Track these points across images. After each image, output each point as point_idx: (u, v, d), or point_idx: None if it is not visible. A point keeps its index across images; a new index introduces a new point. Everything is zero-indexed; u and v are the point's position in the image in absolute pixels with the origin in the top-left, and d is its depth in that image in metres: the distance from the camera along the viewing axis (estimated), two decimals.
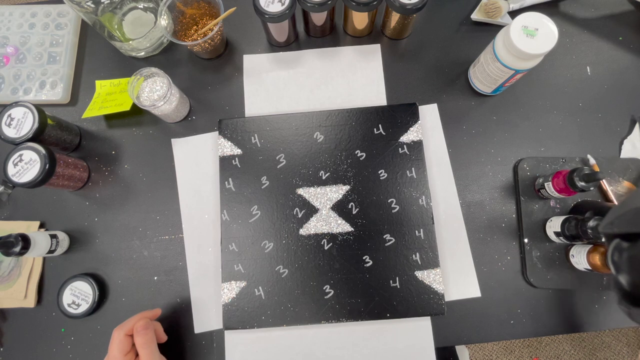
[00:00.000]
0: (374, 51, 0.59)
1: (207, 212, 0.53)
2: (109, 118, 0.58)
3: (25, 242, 0.47)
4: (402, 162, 0.53)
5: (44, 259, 0.53)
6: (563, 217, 0.47)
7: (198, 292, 0.51)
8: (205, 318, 0.50)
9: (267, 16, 0.50)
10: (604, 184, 0.51)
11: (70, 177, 0.52)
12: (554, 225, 0.48)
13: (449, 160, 0.54)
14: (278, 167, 0.53)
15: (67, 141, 0.55)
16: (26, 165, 0.47)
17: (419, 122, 0.54)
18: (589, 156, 0.52)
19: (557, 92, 0.57)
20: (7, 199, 0.55)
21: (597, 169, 0.51)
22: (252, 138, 0.54)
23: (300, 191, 0.53)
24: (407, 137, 0.54)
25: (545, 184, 0.49)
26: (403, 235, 0.51)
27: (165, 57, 0.61)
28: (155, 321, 0.47)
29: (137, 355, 0.43)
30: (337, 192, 0.52)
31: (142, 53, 0.59)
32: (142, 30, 0.57)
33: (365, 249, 0.50)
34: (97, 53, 0.61)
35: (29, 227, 0.54)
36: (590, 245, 0.46)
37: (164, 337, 0.47)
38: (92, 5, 0.51)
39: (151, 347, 0.42)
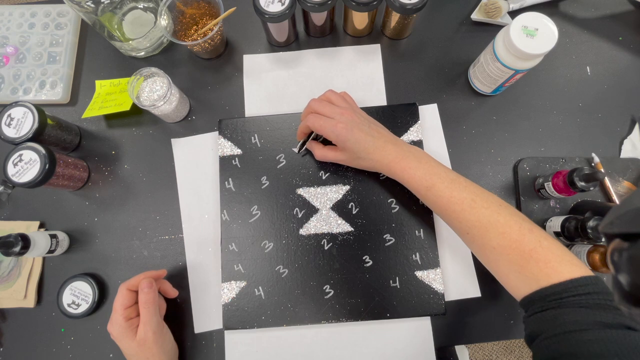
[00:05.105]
0: (374, 51, 0.59)
1: (207, 212, 0.53)
2: (108, 118, 0.58)
3: (25, 242, 0.47)
4: None
5: (44, 259, 0.53)
6: (563, 217, 0.47)
7: (198, 292, 0.51)
8: (205, 318, 0.50)
9: (267, 16, 0.50)
10: (607, 182, 0.51)
11: (70, 177, 0.52)
12: (554, 225, 0.48)
13: (449, 160, 0.54)
14: (278, 167, 0.53)
15: (67, 141, 0.55)
16: (26, 165, 0.47)
17: (419, 122, 0.54)
18: (593, 155, 0.52)
19: (557, 92, 0.57)
20: (7, 199, 0.55)
21: (600, 167, 0.51)
22: (252, 138, 0.54)
23: (300, 191, 0.53)
24: (407, 137, 0.54)
25: (545, 184, 0.49)
26: (403, 235, 0.51)
27: (165, 57, 0.61)
28: (164, 279, 0.49)
29: (138, 313, 0.44)
30: (337, 192, 0.52)
31: (142, 53, 0.59)
32: (142, 30, 0.57)
33: (365, 249, 0.50)
34: (97, 53, 0.61)
35: (28, 227, 0.54)
36: (590, 245, 0.46)
37: (173, 293, 0.49)
38: (92, 5, 0.51)
39: (151, 307, 0.44)
